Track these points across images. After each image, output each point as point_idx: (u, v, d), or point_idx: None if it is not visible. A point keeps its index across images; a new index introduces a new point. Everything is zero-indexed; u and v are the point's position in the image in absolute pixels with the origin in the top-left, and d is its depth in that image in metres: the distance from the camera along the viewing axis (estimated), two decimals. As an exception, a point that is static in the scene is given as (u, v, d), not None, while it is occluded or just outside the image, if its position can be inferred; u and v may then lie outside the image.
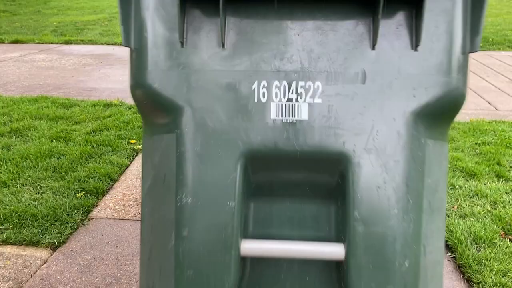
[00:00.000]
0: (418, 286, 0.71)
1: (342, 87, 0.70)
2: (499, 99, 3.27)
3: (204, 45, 0.71)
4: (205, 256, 0.70)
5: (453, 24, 0.71)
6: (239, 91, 0.71)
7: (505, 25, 6.52)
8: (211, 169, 0.71)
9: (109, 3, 11.40)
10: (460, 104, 0.75)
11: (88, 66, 4.48)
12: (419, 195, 0.71)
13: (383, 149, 0.70)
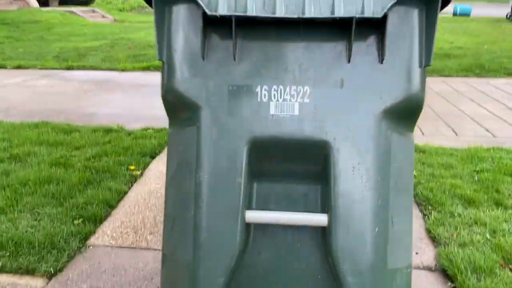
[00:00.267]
0: (387, 250, 0.89)
1: (325, 91, 0.91)
2: (497, 126, 3.29)
3: (220, 58, 0.93)
4: (218, 222, 0.90)
5: (411, 44, 0.92)
6: (246, 93, 0.92)
7: (501, 53, 6.62)
8: (223, 153, 0.91)
9: (111, 30, 11.59)
10: (420, 107, 0.96)
11: (89, 92, 4.53)
12: (386, 176, 0.90)
13: (356, 139, 0.90)
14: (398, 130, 0.93)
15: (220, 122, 0.92)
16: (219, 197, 0.91)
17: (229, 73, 0.92)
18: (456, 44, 7.77)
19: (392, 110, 0.91)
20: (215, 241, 0.90)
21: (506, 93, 4.35)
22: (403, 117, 0.94)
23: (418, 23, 0.94)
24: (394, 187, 0.91)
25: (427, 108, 3.78)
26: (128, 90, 4.63)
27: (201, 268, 0.90)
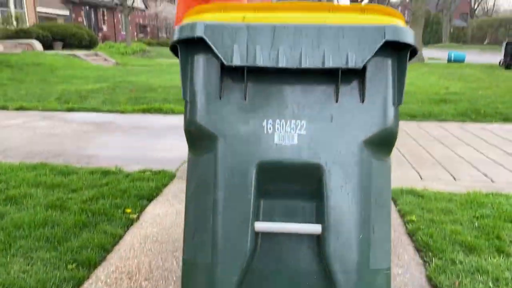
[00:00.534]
0: (369, 253, 1.12)
1: (318, 124, 1.15)
2: (495, 171, 3.30)
3: (233, 98, 1.16)
4: (232, 231, 1.12)
5: (386, 87, 1.16)
6: (255, 126, 1.15)
7: (495, 98, 6.74)
8: (236, 175, 1.14)
9: (113, 73, 11.82)
10: (394, 137, 1.21)
11: (89, 133, 4.56)
12: (368, 193, 1.14)
13: (343, 163, 1.13)
14: (376, 156, 1.17)
15: (234, 150, 1.15)
16: (233, 211, 1.14)
17: (241, 110, 1.16)
18: (452, 89, 7.93)
19: (371, 140, 1.15)
20: (230, 247, 1.12)
21: (502, 138, 4.39)
22: (381, 145, 1.18)
23: (391, 70, 1.17)
24: (375, 202, 1.15)
25: (424, 153, 3.80)
26: (127, 132, 4.66)
27: (218, 268, 1.12)
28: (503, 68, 14.17)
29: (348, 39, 1.11)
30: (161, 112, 5.85)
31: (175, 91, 7.75)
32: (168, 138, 4.37)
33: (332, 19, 1.15)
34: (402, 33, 1.11)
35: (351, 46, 1.11)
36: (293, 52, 1.12)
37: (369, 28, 1.11)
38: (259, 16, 1.16)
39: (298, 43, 1.12)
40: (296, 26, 1.12)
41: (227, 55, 1.11)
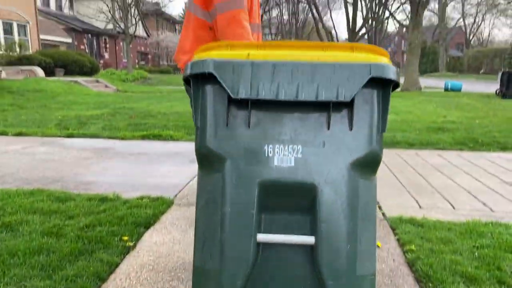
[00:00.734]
0: (356, 261, 1.27)
1: (312, 149, 1.29)
2: (493, 200, 3.29)
3: (238, 125, 1.30)
4: (238, 242, 1.27)
5: (371, 117, 1.30)
6: (257, 150, 1.29)
7: (493, 127, 6.79)
8: (241, 193, 1.28)
9: (113, 99, 11.91)
10: (378, 160, 1.35)
11: (88, 160, 4.56)
12: (355, 208, 1.28)
13: (334, 183, 1.28)
14: (363, 176, 1.32)
15: (239, 170, 1.29)
16: (238, 224, 1.28)
17: (245, 135, 1.30)
18: (449, 118, 7.99)
19: (358, 162, 1.30)
20: (236, 255, 1.27)
21: (500, 167, 4.40)
22: (366, 167, 1.33)
23: (376, 102, 1.32)
24: (361, 216, 1.30)
25: (423, 181, 3.80)
26: (126, 158, 4.66)
27: (225, 275, 1.27)
28: (500, 97, 14.33)
29: (338, 75, 1.27)
30: (160, 139, 5.86)
31: (174, 117, 7.80)
32: (166, 164, 4.37)
33: (324, 57, 1.30)
34: (385, 70, 1.27)
35: (341, 82, 1.27)
36: (291, 86, 1.27)
37: (357, 66, 1.27)
38: (261, 54, 1.31)
39: (295, 79, 1.28)
40: (293, 63, 1.28)
41: (234, 89, 1.27)
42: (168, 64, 44.17)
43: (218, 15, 1.88)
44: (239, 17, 1.87)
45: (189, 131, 6.31)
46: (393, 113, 8.85)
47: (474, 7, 52.01)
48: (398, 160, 4.64)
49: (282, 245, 1.30)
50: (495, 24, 59.69)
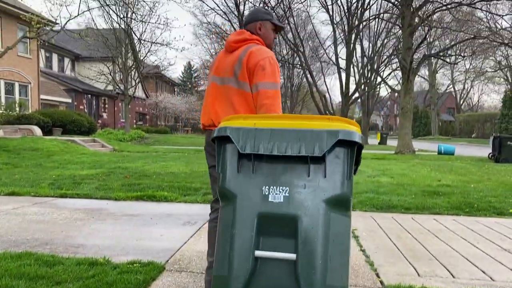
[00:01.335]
0: (326, 274, 1.66)
1: (297, 190, 1.75)
2: (493, 268, 3.22)
3: (246, 171, 1.81)
4: (241, 255, 1.72)
5: (341, 168, 1.76)
6: (258, 190, 1.77)
7: (488, 192, 6.79)
8: (245, 220, 1.75)
9: (109, 159, 11.92)
10: (348, 200, 1.78)
11: (79, 221, 4.48)
12: (327, 235, 1.70)
13: (311, 215, 1.72)
14: (335, 210, 1.75)
15: (245, 204, 1.78)
16: (242, 243, 1.74)
17: (250, 179, 1.80)
18: (444, 181, 8.02)
19: (329, 200, 1.75)
20: (239, 266, 1.72)
21: (498, 232, 4.35)
22: (337, 204, 1.76)
23: (344, 157, 1.77)
24: (332, 242, 1.71)
25: (420, 247, 3.74)
26: (119, 219, 4.58)
27: (231, 280, 1.72)
28: (493, 161, 14.49)
29: (315, 137, 1.76)
30: (154, 199, 5.81)
31: (169, 178, 7.78)
32: (159, 226, 4.29)
33: (307, 125, 1.81)
34: (351, 135, 1.76)
35: (317, 142, 1.75)
36: (282, 145, 1.78)
37: (330, 131, 1.77)
38: (264, 123, 1.85)
39: (285, 139, 1.79)
40: (285, 129, 1.81)
41: (243, 146, 1.80)
42: (165, 124, 44.81)
43: (260, 90, 2.38)
44: (275, 95, 2.41)
45: (183, 192, 6.27)
46: (388, 176, 8.88)
47: (462, 74, 54.08)
48: (395, 225, 4.58)
49: (273, 260, 1.73)
50: (484, 90, 61.83)
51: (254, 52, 2.44)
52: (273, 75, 2.42)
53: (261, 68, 2.41)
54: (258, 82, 2.39)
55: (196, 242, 3.75)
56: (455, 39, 23.67)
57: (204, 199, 5.82)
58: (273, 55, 2.49)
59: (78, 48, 32.49)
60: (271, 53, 2.49)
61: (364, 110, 34.46)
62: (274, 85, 2.42)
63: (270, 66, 2.43)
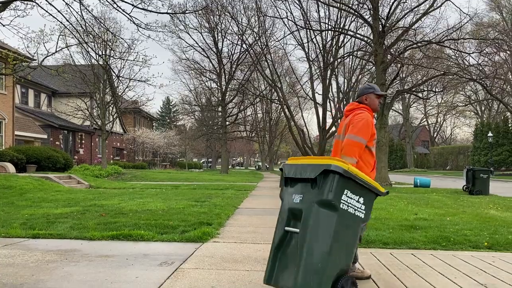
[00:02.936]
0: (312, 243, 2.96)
1: (305, 196, 3.14)
2: (470, 304, 3.23)
3: (286, 186, 3.37)
4: (280, 229, 3.24)
5: (329, 185, 3.06)
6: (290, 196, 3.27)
7: (463, 225, 6.90)
8: (284, 211, 3.26)
9: (85, 196, 11.67)
10: (331, 203, 3.01)
11: (51, 263, 4.32)
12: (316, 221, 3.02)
13: (308, 209, 3.06)
14: (322, 209, 2.99)
15: (284, 203, 3.27)
16: (282, 222, 3.25)
17: (287, 190, 3.29)
18: (421, 215, 8.12)
19: (319, 202, 3.00)
20: (279, 233, 3.22)
21: (474, 266, 4.40)
22: (323, 205, 2.99)
23: (331, 180, 3.03)
24: (317, 225, 3.00)
25: (399, 284, 3.74)
26: (93, 261, 4.45)
27: (273, 245, 3.24)
28: (467, 194, 14.79)
29: (314, 167, 3.09)
30: (131, 239, 5.66)
31: (146, 215, 7.63)
32: (135, 268, 4.18)
33: (313, 161, 3.16)
34: (333, 167, 2.99)
35: (315, 170, 3.07)
36: (298, 171, 3.20)
37: (323, 164, 3.05)
38: (296, 161, 3.32)
39: (300, 168, 3.20)
40: (301, 164, 3.22)
41: (285, 173, 3.31)
42: (143, 159, 44.32)
43: (345, 139, 3.68)
44: (352, 143, 3.60)
45: (160, 230, 6.14)
46: (366, 210, 8.92)
47: (435, 108, 55.86)
48: (373, 261, 4.59)
49: (292, 233, 3.13)
50: (456, 123, 63.80)
51: (353, 116, 3.75)
52: (358, 131, 3.61)
53: (352, 126, 3.68)
54: (346, 134, 3.69)
55: (173, 284, 3.66)
56: (426, 75, 24.58)
57: (181, 237, 5.71)
58: (367, 118, 3.68)
59: (55, 83, 32.33)
60: (365, 118, 3.68)
61: (341, 143, 34.95)
62: (355, 137, 3.61)
63: (357, 124, 3.65)
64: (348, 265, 3.08)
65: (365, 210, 3.16)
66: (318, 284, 2.84)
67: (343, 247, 3.02)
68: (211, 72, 39.47)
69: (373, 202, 3.23)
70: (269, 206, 9.81)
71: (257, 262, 4.45)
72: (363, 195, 3.13)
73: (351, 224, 3.06)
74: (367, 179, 3.15)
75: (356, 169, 3.13)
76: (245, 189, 15.62)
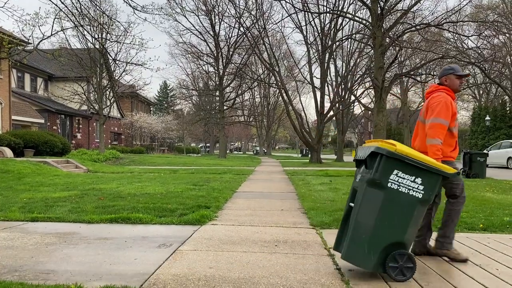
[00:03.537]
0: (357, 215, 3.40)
1: (360, 175, 3.67)
2: (465, 284, 3.28)
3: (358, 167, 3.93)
4: (347, 205, 3.77)
5: (377, 164, 3.37)
6: (356, 176, 3.81)
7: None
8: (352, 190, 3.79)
9: (83, 180, 11.70)
10: (377, 182, 3.34)
11: (50, 246, 4.35)
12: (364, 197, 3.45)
13: (361, 186, 3.48)
14: (369, 186, 3.35)
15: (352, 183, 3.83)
16: (348, 200, 3.77)
17: (356, 172, 3.81)
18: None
19: (367, 180, 3.36)
20: (346, 208, 3.79)
21: (469, 248, 4.44)
22: (370, 183, 3.34)
23: (378, 159, 3.36)
24: (365, 200, 3.38)
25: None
26: (92, 243, 4.48)
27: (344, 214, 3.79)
28: (464, 177, 14.87)
29: (366, 149, 3.53)
30: (129, 222, 5.69)
31: (144, 199, 7.67)
32: (134, 250, 4.22)
33: (367, 144, 3.64)
34: (377, 148, 3.35)
35: (365, 152, 3.51)
36: (359, 153, 3.71)
37: (370, 146, 3.47)
38: (364, 144, 3.75)
39: (360, 151, 3.70)
40: (363, 147, 3.72)
41: (355, 155, 3.85)
42: (141, 144, 44.31)
43: (428, 123, 3.89)
44: (434, 126, 3.80)
45: (158, 213, 6.18)
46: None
47: (433, 92, 55.66)
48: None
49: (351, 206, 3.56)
50: (454, 107, 63.55)
51: (430, 99, 3.94)
52: (437, 113, 3.80)
53: (430, 110, 3.89)
54: (428, 118, 3.90)
55: (171, 265, 3.69)
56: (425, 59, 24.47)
57: (180, 220, 5.75)
58: (444, 100, 3.84)
59: (51, 68, 32.06)
60: (443, 100, 3.84)
61: (339, 128, 35.00)
62: (435, 119, 3.80)
63: (436, 107, 3.83)
64: (402, 240, 3.29)
65: (424, 190, 3.29)
66: (362, 253, 3.27)
67: (391, 222, 3.28)
68: (208, 56, 39.19)
69: (437, 182, 3.35)
70: (267, 190, 9.85)
71: (255, 244, 4.49)
72: (421, 176, 3.28)
73: (402, 202, 3.27)
74: (424, 160, 3.29)
75: (408, 150, 3.31)
76: (243, 173, 15.66)
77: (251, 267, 3.64)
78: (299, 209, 7.03)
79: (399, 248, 3.29)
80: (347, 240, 3.36)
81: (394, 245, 3.28)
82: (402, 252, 3.27)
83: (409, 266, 3.27)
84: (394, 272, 3.26)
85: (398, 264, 3.26)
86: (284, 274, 3.44)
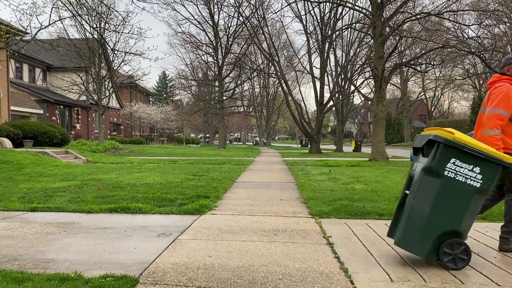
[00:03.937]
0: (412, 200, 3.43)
1: (417, 163, 3.62)
2: (463, 272, 3.29)
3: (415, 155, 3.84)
4: (402, 193, 3.73)
5: (433, 152, 3.36)
6: (412, 164, 3.76)
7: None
8: (408, 178, 3.73)
9: (82, 171, 11.69)
10: (433, 170, 3.37)
11: (50, 235, 4.36)
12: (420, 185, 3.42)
13: (418, 174, 3.47)
14: (426, 174, 3.34)
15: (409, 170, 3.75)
16: (404, 187, 3.73)
17: (413, 159, 3.76)
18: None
19: (423, 169, 3.36)
20: (400, 199, 3.77)
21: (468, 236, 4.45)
22: (426, 172, 3.33)
23: (435, 148, 3.32)
24: (421, 188, 3.38)
25: (393, 253, 3.80)
26: (92, 233, 4.49)
27: (399, 200, 3.77)
28: None
29: (423, 138, 3.48)
30: (129, 212, 5.71)
31: (144, 189, 7.68)
32: (133, 239, 4.23)
33: (424, 132, 3.60)
34: (435, 136, 3.29)
35: (422, 140, 3.47)
36: (417, 141, 3.61)
37: (427, 135, 3.42)
38: (426, 132, 3.59)
39: (418, 139, 3.60)
40: (420, 135, 3.62)
41: (413, 143, 3.72)
42: (140, 135, 44.26)
43: (486, 113, 3.80)
44: (491, 117, 3.73)
45: (158, 203, 6.19)
46: (363, 182, 9.02)
47: (433, 82, 55.58)
48: (369, 231, 4.65)
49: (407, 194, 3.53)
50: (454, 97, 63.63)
51: (492, 89, 3.86)
52: (497, 103, 3.73)
53: (491, 100, 3.81)
54: (487, 108, 3.82)
55: (171, 254, 3.71)
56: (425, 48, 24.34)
57: (179, 210, 5.76)
58: (507, 90, 3.71)
59: (50, 58, 31.89)
60: (504, 90, 3.72)
61: (338, 118, 34.97)
62: (493, 109, 3.73)
63: (497, 97, 3.74)
64: (458, 229, 3.31)
65: (483, 180, 3.27)
66: (416, 240, 3.33)
67: (447, 211, 3.29)
68: (207, 46, 39.00)
69: (496, 172, 3.29)
70: (267, 180, 9.86)
71: (254, 233, 4.51)
72: (480, 165, 3.25)
73: (459, 191, 3.26)
74: (483, 149, 3.24)
75: (467, 139, 3.26)
76: (243, 164, 15.67)
77: (250, 256, 3.65)
78: (298, 199, 7.04)
79: (455, 237, 3.31)
80: (401, 226, 3.39)
81: (449, 233, 3.31)
82: (460, 242, 3.31)
83: (463, 257, 3.32)
84: (447, 259, 3.30)
85: (452, 252, 3.30)
86: (283, 263, 3.46)
